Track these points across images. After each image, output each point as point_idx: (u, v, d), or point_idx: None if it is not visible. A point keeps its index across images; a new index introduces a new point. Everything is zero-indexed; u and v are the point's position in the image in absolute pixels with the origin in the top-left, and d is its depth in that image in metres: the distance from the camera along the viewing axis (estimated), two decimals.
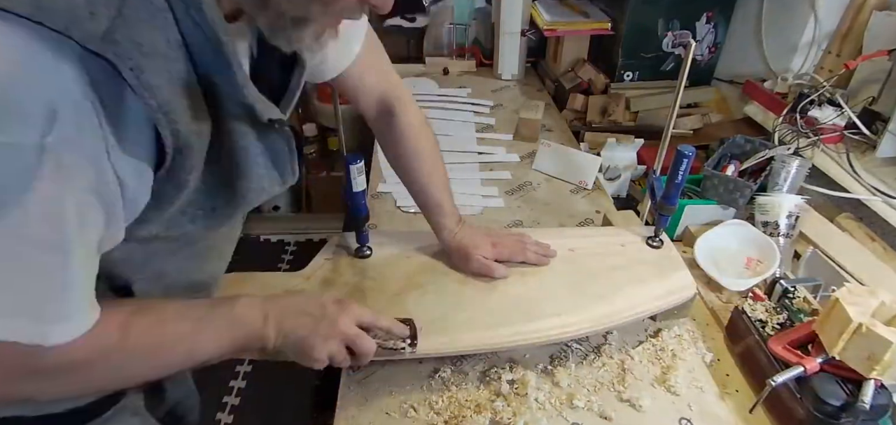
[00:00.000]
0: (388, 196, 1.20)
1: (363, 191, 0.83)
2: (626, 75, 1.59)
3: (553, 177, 1.30)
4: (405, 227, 1.11)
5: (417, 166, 0.85)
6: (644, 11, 1.51)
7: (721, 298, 0.95)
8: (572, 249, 0.91)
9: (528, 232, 0.92)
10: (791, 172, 1.07)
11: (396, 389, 0.75)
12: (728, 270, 0.98)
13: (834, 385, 0.67)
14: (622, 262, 0.89)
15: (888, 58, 1.08)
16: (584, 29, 1.67)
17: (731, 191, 1.08)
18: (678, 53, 1.57)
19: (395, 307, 0.79)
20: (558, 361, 0.80)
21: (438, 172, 0.87)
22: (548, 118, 1.57)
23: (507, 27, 1.77)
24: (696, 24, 1.54)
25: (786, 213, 1.01)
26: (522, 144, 1.43)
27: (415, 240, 0.93)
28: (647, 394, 0.75)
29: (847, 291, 0.70)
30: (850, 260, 0.95)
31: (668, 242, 0.94)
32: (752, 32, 1.48)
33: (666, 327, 0.86)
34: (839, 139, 1.15)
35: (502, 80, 1.86)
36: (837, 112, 1.15)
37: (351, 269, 0.86)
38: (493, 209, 1.18)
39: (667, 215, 0.90)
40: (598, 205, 1.20)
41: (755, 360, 0.78)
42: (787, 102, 1.24)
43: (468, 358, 0.79)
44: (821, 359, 0.69)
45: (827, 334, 0.69)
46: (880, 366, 0.63)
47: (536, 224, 1.14)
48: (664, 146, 0.97)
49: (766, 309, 0.82)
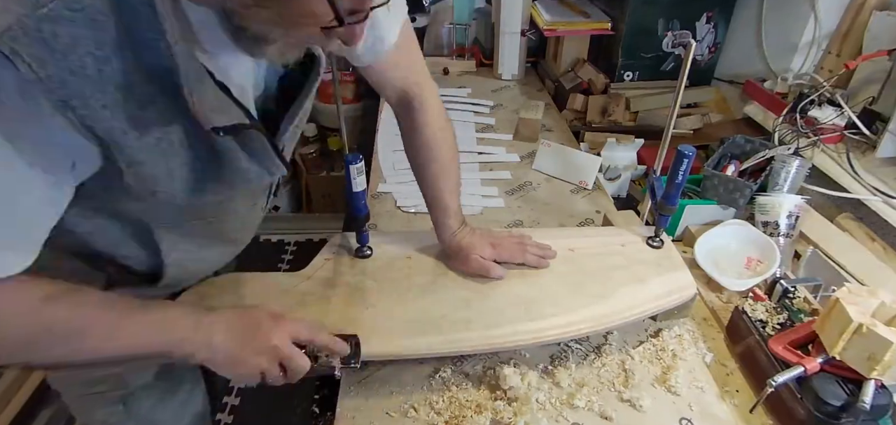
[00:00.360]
0: (388, 196, 1.20)
1: (363, 191, 0.83)
2: (626, 75, 1.59)
3: (553, 177, 1.30)
4: (405, 227, 1.11)
5: (430, 166, 0.86)
6: (644, 11, 1.51)
7: (721, 298, 0.95)
8: (572, 249, 0.91)
9: (528, 232, 0.92)
10: (791, 172, 1.07)
11: (397, 389, 0.75)
12: (728, 270, 0.98)
13: (834, 385, 0.67)
14: (622, 262, 0.89)
15: (888, 58, 1.08)
16: (584, 29, 1.67)
17: (731, 191, 1.08)
18: (678, 53, 1.57)
19: (395, 307, 0.79)
20: (558, 361, 0.80)
21: (451, 176, 0.87)
22: (548, 118, 1.57)
23: (507, 27, 1.77)
24: (696, 24, 1.54)
25: (786, 213, 1.01)
26: (522, 144, 1.43)
27: (415, 239, 0.93)
28: (647, 394, 0.75)
29: (847, 291, 0.70)
30: (850, 260, 0.95)
31: (668, 242, 0.94)
32: (753, 32, 1.48)
33: (666, 327, 0.87)
34: (839, 139, 1.15)
35: (502, 80, 1.86)
36: (837, 112, 1.15)
37: (351, 269, 0.86)
38: (493, 209, 1.18)
39: (667, 215, 0.90)
40: (598, 205, 1.20)
41: (755, 360, 0.78)
42: (787, 102, 1.24)
43: (468, 358, 0.79)
44: (821, 359, 0.69)
45: (827, 334, 0.69)
46: (880, 366, 0.63)
47: (536, 224, 1.14)
48: (664, 146, 0.97)
49: (766, 309, 0.82)
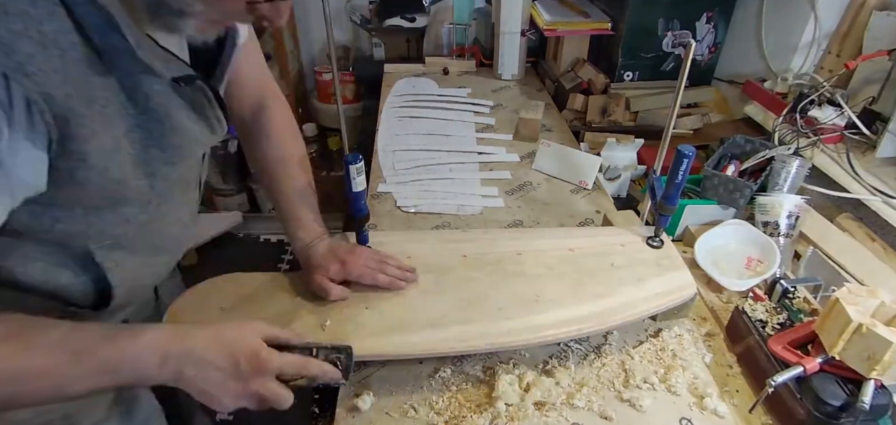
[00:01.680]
0: (388, 196, 1.21)
1: (363, 191, 0.83)
2: (626, 75, 1.59)
3: (553, 177, 1.30)
4: (405, 227, 1.11)
5: (281, 172, 0.82)
6: (644, 11, 1.51)
7: (721, 298, 0.95)
8: (572, 249, 0.91)
9: (528, 232, 0.92)
10: (791, 172, 1.07)
11: (397, 389, 0.75)
12: (728, 270, 0.98)
13: (834, 385, 0.67)
14: (622, 262, 0.89)
15: (888, 58, 1.08)
16: (584, 29, 1.67)
17: (731, 191, 1.08)
18: (678, 53, 1.57)
19: (394, 307, 0.79)
20: (558, 361, 0.80)
21: (300, 182, 0.83)
22: (548, 118, 1.57)
23: (507, 27, 1.77)
24: (696, 24, 1.54)
25: (786, 213, 1.01)
26: (522, 144, 1.43)
27: (415, 239, 0.93)
28: (647, 394, 0.75)
29: (847, 291, 0.70)
30: (850, 260, 0.95)
31: (668, 242, 0.94)
32: (753, 32, 1.48)
33: (666, 327, 0.87)
34: (839, 139, 1.15)
35: (502, 80, 1.86)
36: (837, 112, 1.15)
37: None
38: (492, 209, 1.18)
39: (667, 215, 0.90)
40: (598, 205, 1.20)
41: (755, 360, 0.78)
42: (787, 102, 1.24)
43: (468, 358, 0.79)
44: (821, 359, 0.69)
45: (827, 334, 0.69)
46: (880, 366, 0.63)
47: (536, 224, 1.14)
48: (664, 146, 0.97)
49: (766, 309, 0.82)
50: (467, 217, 1.14)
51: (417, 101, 1.66)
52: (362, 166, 0.80)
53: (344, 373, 0.64)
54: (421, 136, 1.45)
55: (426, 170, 1.30)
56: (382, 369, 0.78)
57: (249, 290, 0.81)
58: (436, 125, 1.52)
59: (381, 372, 0.77)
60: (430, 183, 1.25)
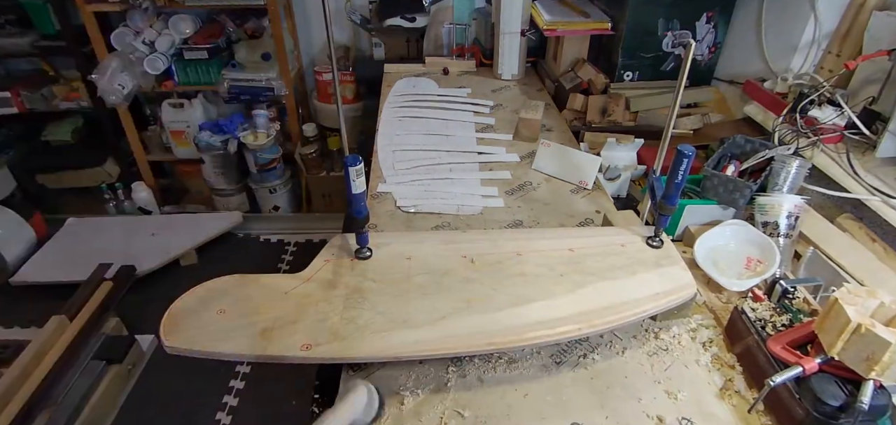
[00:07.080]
0: (388, 196, 1.21)
1: (363, 192, 0.83)
2: (626, 75, 1.59)
3: (553, 177, 1.30)
4: (405, 227, 1.11)
5: None
6: (644, 11, 1.51)
7: (721, 298, 0.95)
8: (572, 249, 0.91)
9: (528, 232, 0.92)
10: (791, 172, 1.07)
11: (397, 389, 0.75)
12: (728, 270, 0.98)
13: (833, 385, 0.67)
14: (622, 262, 0.89)
15: (888, 58, 1.08)
16: (584, 29, 1.67)
17: (731, 191, 1.08)
18: (678, 53, 1.57)
19: (395, 308, 0.79)
20: (558, 361, 0.80)
21: None
22: (548, 118, 1.58)
23: (507, 27, 1.77)
24: (696, 24, 1.54)
25: (786, 213, 1.01)
26: (522, 144, 1.44)
27: (415, 240, 0.93)
28: (647, 394, 0.75)
29: (846, 292, 0.70)
30: (850, 260, 0.95)
31: (668, 242, 0.94)
32: (753, 32, 1.48)
33: (666, 327, 0.87)
34: (839, 139, 1.15)
35: (502, 80, 1.86)
36: (837, 112, 1.15)
37: (351, 271, 0.86)
38: (492, 209, 1.18)
39: (667, 215, 0.90)
40: (598, 205, 1.20)
41: (754, 360, 0.78)
42: (787, 102, 1.24)
43: (468, 359, 0.79)
44: (820, 360, 0.69)
45: (826, 334, 0.69)
46: (879, 367, 0.63)
47: (536, 224, 1.14)
48: (664, 146, 0.97)
49: (765, 309, 0.82)
50: (467, 217, 1.14)
51: (417, 100, 1.66)
52: (362, 168, 0.80)
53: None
54: (421, 136, 1.46)
55: (426, 170, 1.30)
56: (383, 369, 0.78)
57: (250, 292, 0.81)
58: (436, 125, 1.52)
59: (382, 373, 0.77)
60: (430, 183, 1.25)
